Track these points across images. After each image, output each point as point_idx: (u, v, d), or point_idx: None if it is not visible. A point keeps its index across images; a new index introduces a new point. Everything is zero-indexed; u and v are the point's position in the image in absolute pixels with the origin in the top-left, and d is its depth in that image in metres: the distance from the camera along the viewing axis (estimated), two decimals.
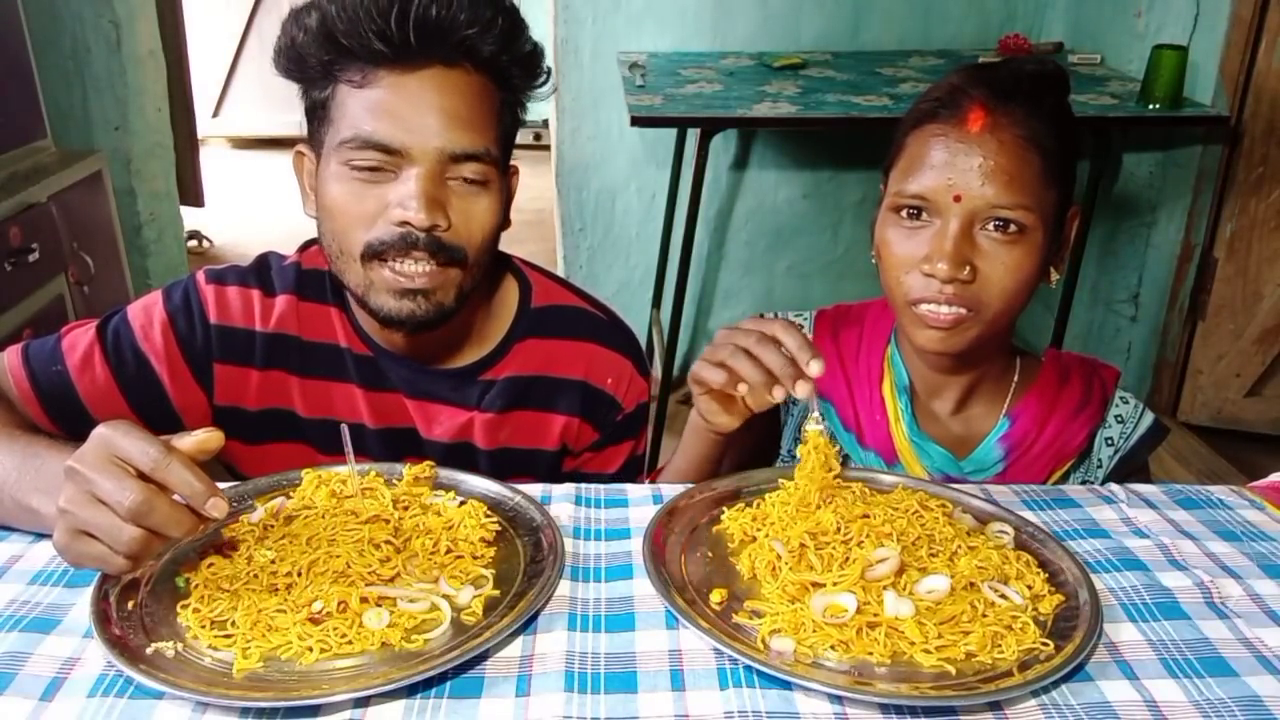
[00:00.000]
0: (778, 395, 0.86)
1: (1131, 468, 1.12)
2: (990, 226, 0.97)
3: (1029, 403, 1.11)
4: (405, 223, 0.93)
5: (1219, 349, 2.82)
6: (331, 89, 0.96)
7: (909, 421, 1.10)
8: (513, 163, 1.07)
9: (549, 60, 1.04)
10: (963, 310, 0.98)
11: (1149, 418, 1.14)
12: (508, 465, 1.11)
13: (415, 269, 0.95)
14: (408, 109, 0.93)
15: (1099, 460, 1.12)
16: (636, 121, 2.43)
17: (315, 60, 0.95)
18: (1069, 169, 1.03)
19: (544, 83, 1.04)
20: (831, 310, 1.21)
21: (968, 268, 0.97)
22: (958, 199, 0.96)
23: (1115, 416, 1.13)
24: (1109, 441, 1.12)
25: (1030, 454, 1.09)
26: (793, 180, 3.15)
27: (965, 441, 1.11)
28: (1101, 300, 3.02)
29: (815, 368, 0.84)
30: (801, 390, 0.85)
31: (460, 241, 0.96)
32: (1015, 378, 1.13)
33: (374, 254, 0.95)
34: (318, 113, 0.98)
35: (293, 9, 0.97)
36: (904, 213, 1.00)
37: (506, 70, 0.99)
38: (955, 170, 0.97)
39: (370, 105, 0.93)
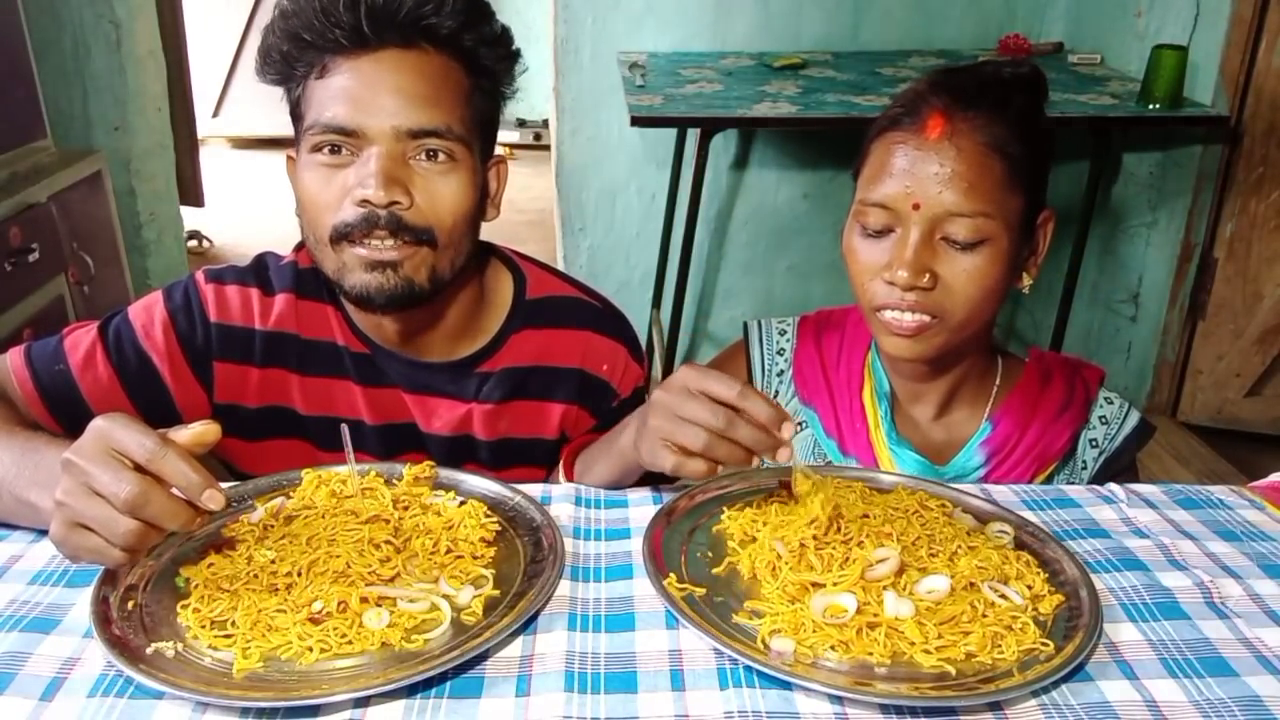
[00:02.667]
0: (754, 464, 0.85)
1: (1117, 468, 1.12)
2: (951, 234, 0.97)
3: (1010, 406, 1.10)
4: (365, 201, 0.93)
5: (1219, 349, 2.82)
6: (301, 86, 0.98)
7: (888, 428, 1.09)
8: (498, 153, 1.07)
9: (549, 60, 1.05)
10: (925, 318, 0.98)
11: (1134, 417, 1.13)
12: (508, 455, 1.12)
13: (382, 245, 0.95)
14: (364, 91, 0.94)
15: (1083, 462, 1.12)
16: (636, 121, 2.43)
17: (280, 58, 0.97)
18: (1039, 174, 1.02)
19: (515, 61, 1.04)
20: (815, 316, 1.21)
21: (928, 275, 0.97)
22: (917, 207, 0.97)
23: (1099, 417, 1.12)
24: (1093, 443, 1.12)
25: (1012, 458, 1.09)
26: (793, 180, 3.15)
27: (947, 447, 1.11)
28: (1101, 300, 3.02)
29: (788, 430, 0.81)
30: (784, 456, 0.81)
31: (426, 221, 0.96)
32: (997, 381, 1.12)
33: (341, 236, 0.96)
34: (295, 113, 1.00)
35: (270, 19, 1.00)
36: (867, 220, 1.00)
37: (473, 52, 1.00)
38: (914, 178, 0.97)
39: (330, 92, 0.95)
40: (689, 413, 0.82)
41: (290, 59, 0.97)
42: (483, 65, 1.01)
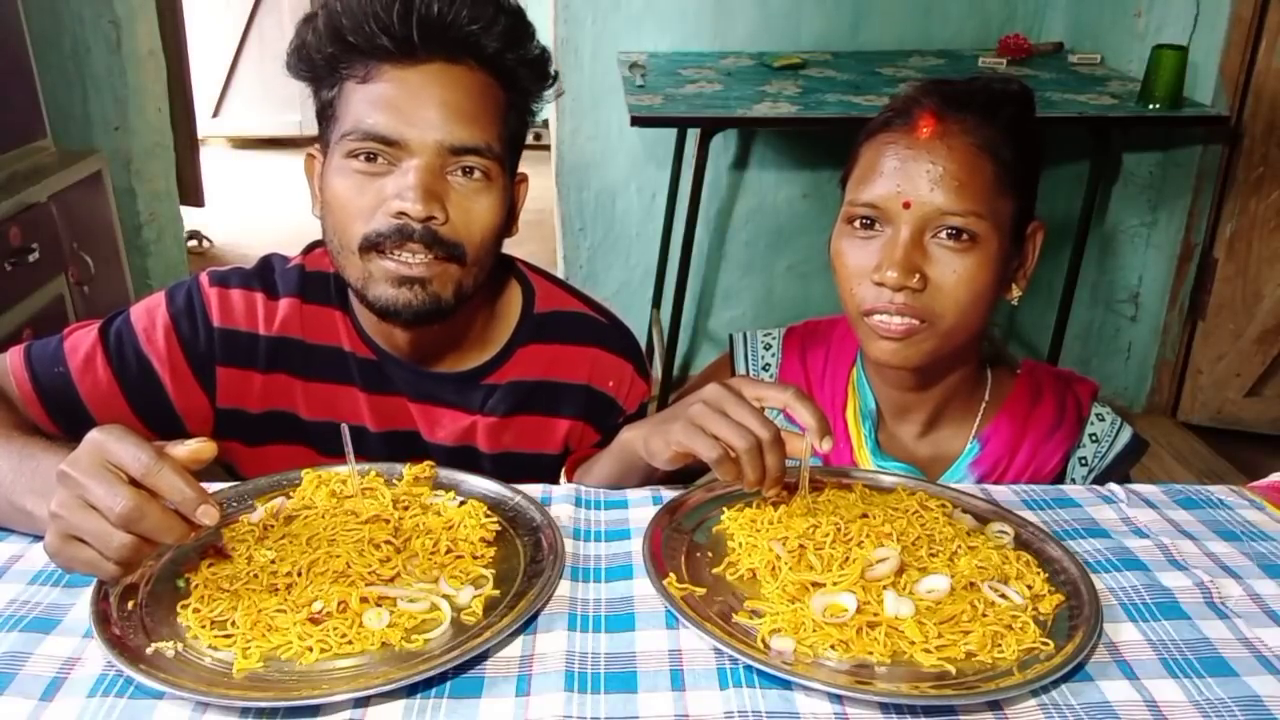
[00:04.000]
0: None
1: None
2: (942, 234, 0.97)
3: (999, 425, 1.09)
4: (402, 213, 0.93)
5: (1219, 349, 2.82)
6: (339, 87, 0.97)
7: (872, 447, 1.09)
8: (521, 171, 1.07)
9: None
10: (914, 321, 0.98)
11: (1126, 434, 1.12)
12: (511, 469, 1.11)
13: (412, 260, 0.95)
14: (408, 102, 0.94)
15: (1072, 480, 1.11)
16: (636, 121, 2.43)
17: (322, 58, 0.97)
18: (1028, 182, 1.02)
19: (551, 84, 1.04)
20: (800, 328, 1.20)
21: (917, 276, 0.96)
22: (907, 205, 0.96)
23: (1090, 435, 1.11)
24: (1082, 461, 1.11)
25: (1003, 482, 1.07)
26: (793, 180, 3.15)
27: (933, 464, 1.10)
28: (1101, 300, 3.02)
29: (827, 445, 0.83)
30: (826, 447, 0.84)
31: (458, 237, 0.96)
32: (985, 397, 1.11)
33: (371, 245, 0.95)
34: (326, 112, 0.99)
35: (306, 13, 0.99)
36: (857, 223, 1.00)
37: (513, 71, 1.00)
38: (905, 177, 0.97)
39: (372, 99, 0.94)
40: (740, 416, 0.83)
41: (333, 60, 0.96)
42: (521, 85, 1.01)
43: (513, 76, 1.00)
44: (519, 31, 0.99)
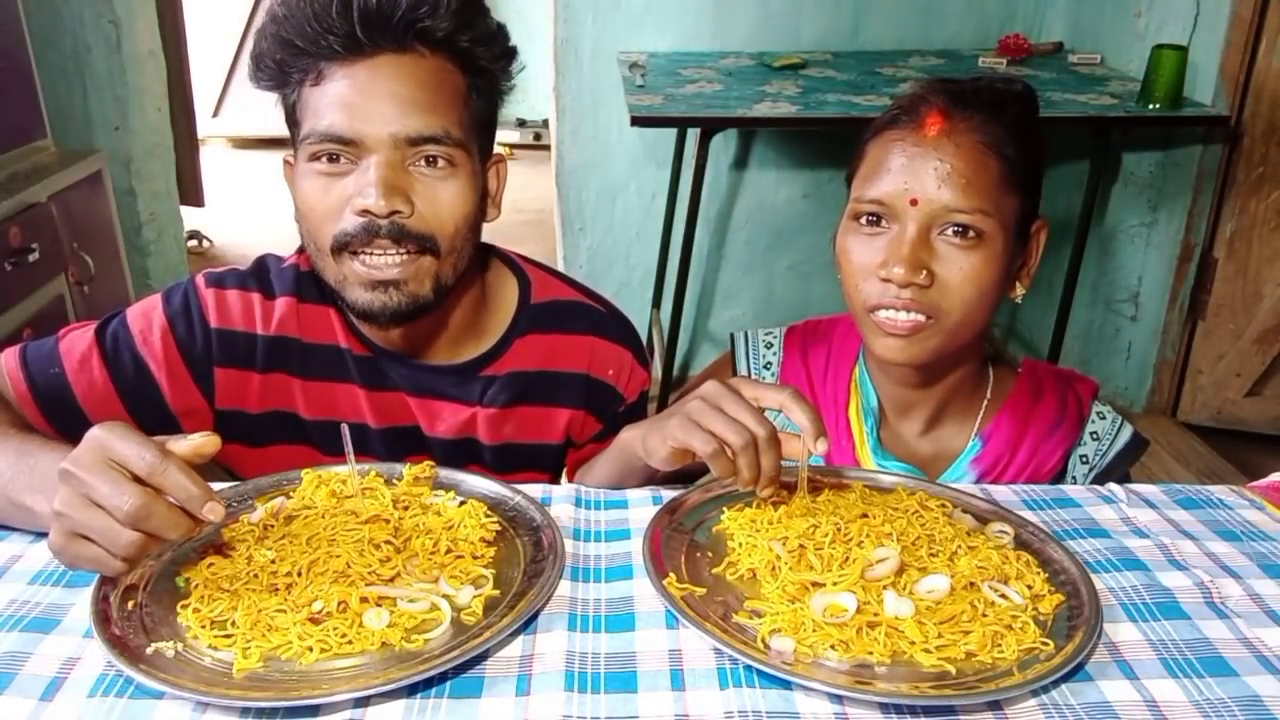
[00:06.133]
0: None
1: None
2: (948, 231, 0.97)
3: (1001, 422, 1.09)
4: (365, 211, 0.93)
5: (1219, 349, 2.82)
6: (296, 92, 0.97)
7: (874, 445, 1.09)
8: (497, 152, 1.06)
9: (549, 60, 1.04)
10: (920, 317, 0.98)
11: (1127, 432, 1.12)
12: (512, 459, 1.12)
13: (384, 260, 0.95)
14: (360, 99, 0.93)
15: (1073, 478, 1.11)
16: (636, 121, 2.43)
17: (275, 65, 0.96)
18: (1033, 180, 1.02)
19: (511, 59, 1.03)
20: (801, 327, 1.20)
21: (924, 272, 0.96)
22: (914, 203, 0.96)
23: (1090, 433, 1.11)
24: (1083, 459, 1.11)
25: (1003, 479, 1.08)
26: (793, 180, 3.15)
27: (934, 462, 1.10)
28: (1101, 300, 3.02)
29: (822, 446, 0.83)
30: (821, 449, 0.83)
31: (427, 228, 0.96)
32: (987, 394, 1.11)
33: (342, 246, 0.95)
34: (290, 118, 0.99)
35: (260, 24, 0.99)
36: (863, 219, 1.00)
37: (468, 52, 0.99)
38: (912, 174, 0.97)
39: (326, 100, 0.94)
40: (736, 414, 0.83)
41: (284, 66, 0.96)
42: (479, 65, 1.00)
43: (469, 58, 0.99)
44: (468, 11, 0.97)
